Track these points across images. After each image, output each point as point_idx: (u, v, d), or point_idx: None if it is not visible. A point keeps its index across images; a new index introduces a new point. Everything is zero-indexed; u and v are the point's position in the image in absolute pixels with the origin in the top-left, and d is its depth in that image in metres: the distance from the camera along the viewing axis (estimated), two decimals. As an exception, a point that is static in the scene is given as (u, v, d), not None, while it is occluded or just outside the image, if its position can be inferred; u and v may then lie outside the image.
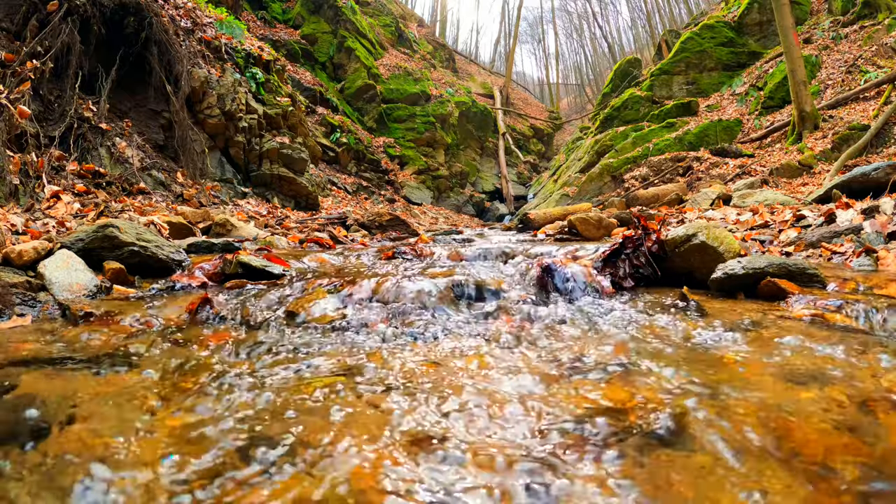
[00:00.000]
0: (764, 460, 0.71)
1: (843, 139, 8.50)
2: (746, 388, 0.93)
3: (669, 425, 0.81)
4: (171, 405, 0.93)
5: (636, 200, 8.37)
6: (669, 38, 18.10)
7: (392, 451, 0.76)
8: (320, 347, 1.29)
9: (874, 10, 11.70)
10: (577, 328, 1.40)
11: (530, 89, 40.29)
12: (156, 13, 5.80)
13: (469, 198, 17.75)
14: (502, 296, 1.73)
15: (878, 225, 2.41)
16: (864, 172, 4.35)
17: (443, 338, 1.36)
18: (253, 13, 15.46)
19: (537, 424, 0.84)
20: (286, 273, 2.10)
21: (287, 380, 1.06)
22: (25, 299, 1.63)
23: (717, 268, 1.76)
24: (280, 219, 5.84)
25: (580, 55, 46.90)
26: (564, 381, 1.03)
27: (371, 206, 10.88)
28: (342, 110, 14.92)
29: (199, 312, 1.55)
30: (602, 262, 1.94)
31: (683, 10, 33.12)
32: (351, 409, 0.91)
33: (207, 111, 6.48)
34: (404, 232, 5.61)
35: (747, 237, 2.98)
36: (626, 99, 15.01)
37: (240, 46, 7.43)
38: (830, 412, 0.83)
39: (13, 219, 2.76)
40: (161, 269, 2.16)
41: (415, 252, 2.69)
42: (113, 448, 0.76)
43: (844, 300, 1.42)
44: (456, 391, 0.98)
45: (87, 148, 4.79)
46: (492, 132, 21.02)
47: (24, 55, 4.37)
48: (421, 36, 25.06)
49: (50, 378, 1.03)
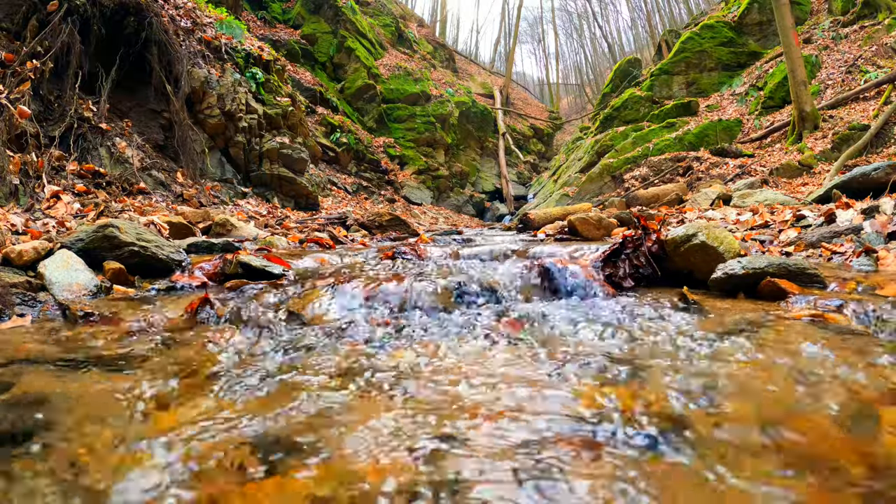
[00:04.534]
0: (764, 460, 0.71)
1: (843, 139, 8.49)
2: (746, 388, 0.93)
3: (669, 425, 0.81)
4: (172, 405, 0.93)
5: (636, 200, 8.37)
6: (669, 38, 18.10)
7: (394, 454, 0.76)
8: (320, 348, 1.29)
9: (874, 10, 11.70)
10: (577, 328, 1.40)
11: (530, 89, 40.27)
12: (156, 13, 5.80)
13: (469, 198, 17.74)
14: (502, 296, 1.73)
15: (878, 225, 2.41)
16: (863, 172, 4.35)
17: (442, 338, 1.36)
18: (253, 13, 15.46)
19: (535, 424, 0.84)
20: (286, 273, 2.10)
21: (287, 379, 1.06)
22: (25, 299, 1.63)
23: (717, 268, 1.76)
24: (280, 219, 5.84)
25: (580, 55, 46.90)
26: (564, 381, 1.03)
27: (371, 206, 10.87)
28: (342, 110, 14.92)
29: (200, 312, 1.55)
30: (602, 262, 1.94)
31: (683, 10, 33.10)
32: (351, 409, 0.91)
33: (207, 111, 6.48)
34: (404, 232, 5.60)
35: (747, 237, 2.98)
36: (626, 99, 15.01)
37: (240, 46, 7.42)
38: (831, 411, 0.83)
39: (13, 219, 2.76)
40: (161, 269, 2.16)
41: (415, 252, 2.69)
42: (113, 448, 0.76)
43: (844, 300, 1.42)
44: (455, 390, 0.98)
45: (87, 148, 4.79)
46: (492, 132, 21.02)
47: (24, 55, 4.37)
48: (421, 36, 25.05)
49: (50, 378, 1.03)
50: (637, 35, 40.97)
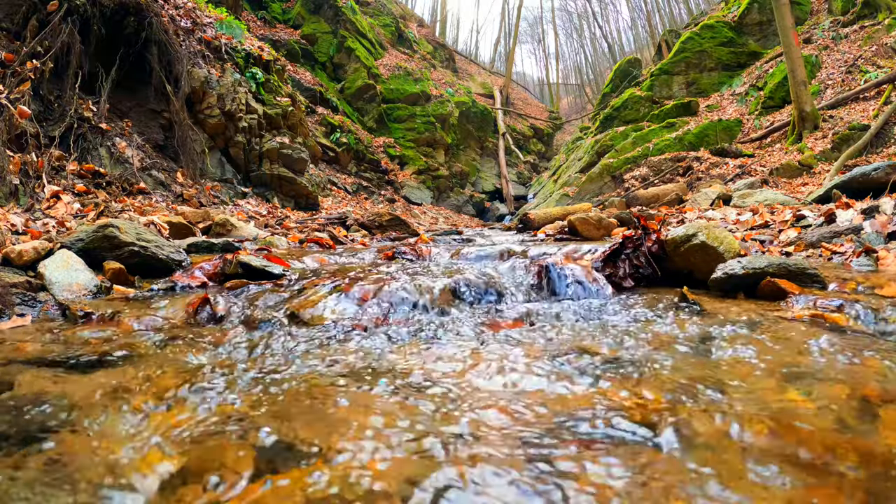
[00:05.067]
0: (764, 459, 0.71)
1: (843, 139, 8.50)
2: (746, 388, 0.93)
3: (668, 424, 0.81)
4: (172, 405, 0.93)
5: (636, 200, 8.37)
6: (669, 38, 18.11)
7: (394, 453, 0.76)
8: (320, 347, 1.29)
9: (874, 10, 11.71)
10: (576, 328, 1.40)
11: (530, 89, 40.27)
12: (156, 13, 5.80)
13: (469, 198, 17.75)
14: (502, 296, 1.74)
15: (878, 225, 2.41)
16: (863, 172, 4.35)
17: (441, 338, 1.36)
18: (253, 13, 15.46)
19: (532, 425, 0.84)
20: (286, 273, 2.10)
21: (287, 379, 1.06)
22: (25, 299, 1.63)
23: (717, 268, 1.76)
24: (280, 219, 5.84)
25: (580, 55, 46.90)
26: (563, 380, 1.03)
27: (371, 206, 10.87)
28: (342, 110, 14.92)
29: (200, 312, 1.55)
30: (602, 262, 1.94)
31: (683, 10, 33.11)
32: (351, 409, 0.91)
33: (207, 111, 6.48)
34: (404, 232, 5.60)
35: (747, 237, 2.98)
36: (626, 99, 15.01)
37: (240, 46, 7.42)
38: (831, 411, 0.83)
39: (13, 219, 2.76)
40: (161, 269, 2.16)
41: (415, 252, 2.69)
42: (113, 448, 0.76)
43: (845, 300, 1.42)
44: (453, 392, 0.98)
45: (87, 148, 4.79)
46: (492, 132, 21.02)
47: (24, 55, 4.37)
48: (421, 36, 25.05)
49: (50, 378, 1.03)
50: (637, 35, 40.99)
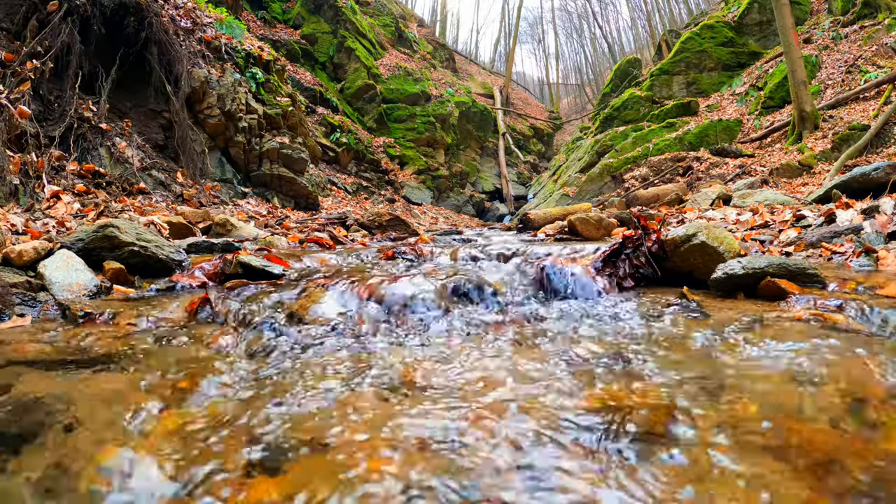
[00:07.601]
0: (765, 459, 0.71)
1: (843, 139, 8.50)
2: (746, 388, 0.93)
3: (667, 424, 0.81)
4: (172, 405, 0.93)
5: (636, 200, 8.37)
6: (669, 38, 18.11)
7: (393, 453, 0.76)
8: (320, 347, 1.29)
9: (874, 10, 11.71)
10: (576, 328, 1.40)
11: (530, 89, 40.29)
12: (156, 13, 5.80)
13: (469, 198, 17.75)
14: (501, 296, 1.73)
15: (878, 225, 2.41)
16: (863, 172, 4.35)
17: (441, 337, 1.36)
18: (253, 13, 15.46)
19: (532, 425, 0.84)
20: (286, 273, 2.10)
21: (286, 379, 1.06)
22: (25, 299, 1.63)
23: (717, 268, 1.75)
24: (280, 219, 5.84)
25: (580, 55, 46.94)
26: (562, 380, 1.03)
27: (371, 206, 10.87)
28: (342, 110, 14.92)
29: (199, 312, 1.55)
30: (602, 262, 1.94)
31: (683, 10, 33.12)
32: (352, 409, 0.91)
33: (207, 111, 6.48)
34: (404, 232, 5.60)
35: (747, 237, 2.98)
36: (626, 99, 15.01)
37: (240, 46, 7.42)
38: (831, 411, 0.83)
39: (13, 219, 2.76)
40: (161, 269, 2.16)
41: (415, 252, 2.69)
42: (114, 449, 0.76)
43: (845, 300, 1.42)
44: (453, 392, 0.98)
45: (87, 148, 4.79)
46: (492, 132, 21.02)
47: (24, 55, 4.37)
48: (421, 36, 25.05)
49: (50, 378, 1.03)
50: (637, 35, 40.97)
